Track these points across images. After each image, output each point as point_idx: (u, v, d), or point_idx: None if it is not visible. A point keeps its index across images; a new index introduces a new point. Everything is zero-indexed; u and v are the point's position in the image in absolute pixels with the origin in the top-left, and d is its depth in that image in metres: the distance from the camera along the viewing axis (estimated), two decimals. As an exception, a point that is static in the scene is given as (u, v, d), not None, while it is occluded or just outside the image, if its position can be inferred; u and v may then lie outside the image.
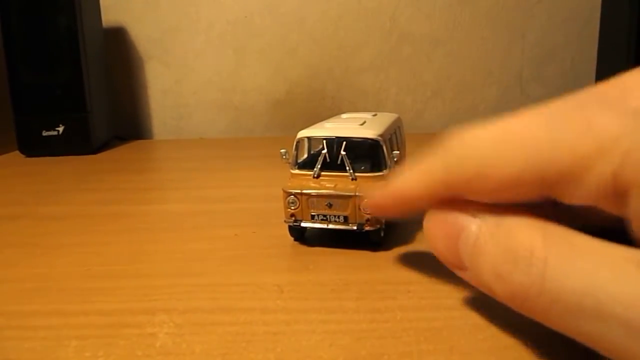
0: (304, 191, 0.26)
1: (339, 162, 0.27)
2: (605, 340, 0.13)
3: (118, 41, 0.79)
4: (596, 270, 0.13)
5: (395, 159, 0.28)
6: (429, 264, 0.24)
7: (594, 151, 0.13)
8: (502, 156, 0.15)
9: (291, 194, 0.27)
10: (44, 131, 0.63)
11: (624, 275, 0.13)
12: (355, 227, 0.26)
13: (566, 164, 0.14)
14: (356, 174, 0.27)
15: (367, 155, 0.28)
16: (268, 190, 0.40)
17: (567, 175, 0.14)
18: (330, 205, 0.26)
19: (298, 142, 0.29)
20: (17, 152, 0.64)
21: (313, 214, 0.27)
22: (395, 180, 0.20)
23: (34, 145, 0.63)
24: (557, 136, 0.14)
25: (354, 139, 0.27)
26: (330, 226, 0.27)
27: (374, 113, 0.35)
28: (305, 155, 0.30)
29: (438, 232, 0.18)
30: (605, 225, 0.14)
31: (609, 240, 0.14)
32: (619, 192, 0.13)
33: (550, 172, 0.14)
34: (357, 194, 0.26)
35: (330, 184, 0.27)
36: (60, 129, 0.63)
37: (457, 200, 0.17)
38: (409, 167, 0.19)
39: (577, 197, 0.14)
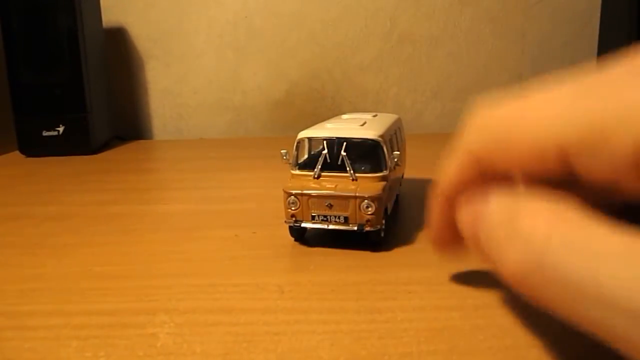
0: (305, 192, 0.27)
1: (339, 162, 0.27)
2: (606, 327, 0.13)
3: (118, 41, 0.79)
4: (601, 255, 0.13)
5: (395, 160, 0.28)
6: (429, 265, 0.24)
7: (615, 119, 0.12)
8: (524, 123, 0.15)
9: (292, 194, 0.27)
10: (44, 131, 0.63)
11: (629, 262, 0.12)
12: (355, 228, 0.26)
13: (585, 130, 0.13)
14: (356, 175, 0.27)
15: (368, 156, 0.28)
16: (268, 191, 0.40)
17: (586, 143, 0.13)
18: (330, 206, 0.26)
19: (298, 142, 0.29)
20: (17, 152, 0.64)
21: (313, 214, 0.27)
22: (441, 176, 0.19)
23: (34, 146, 0.63)
24: (578, 103, 0.13)
25: (354, 140, 0.27)
26: (331, 227, 0.27)
27: (374, 114, 0.35)
28: (306, 156, 0.30)
29: (465, 216, 0.18)
30: (630, 203, 0.14)
31: (630, 219, 0.13)
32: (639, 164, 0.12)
33: (569, 140, 0.13)
34: (357, 194, 0.26)
35: (330, 184, 0.27)
36: (61, 129, 0.63)
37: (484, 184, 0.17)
38: (448, 158, 0.19)
39: (597, 170, 0.13)
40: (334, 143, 0.27)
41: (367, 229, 0.26)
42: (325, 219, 0.27)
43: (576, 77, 0.14)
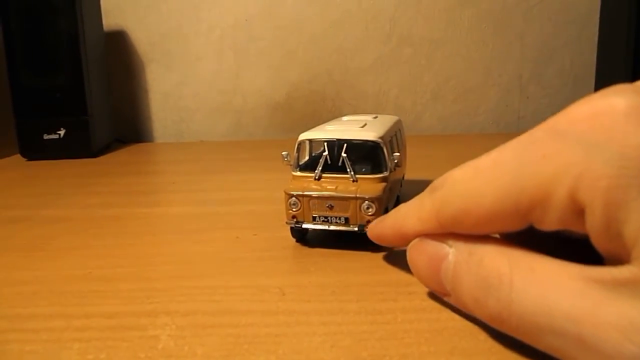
0: (306, 193, 0.27)
1: (340, 164, 0.27)
2: (566, 354, 0.14)
3: (119, 44, 0.79)
4: (549, 291, 0.14)
5: (395, 161, 0.28)
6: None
7: (552, 176, 0.14)
8: (478, 192, 0.16)
9: (293, 195, 0.27)
10: (45, 135, 0.63)
11: (572, 292, 0.14)
12: (356, 229, 0.26)
13: (532, 191, 0.15)
14: (357, 176, 0.27)
15: (368, 157, 0.28)
16: (269, 193, 0.41)
17: (535, 201, 0.15)
18: (331, 207, 0.26)
19: (299, 144, 0.29)
20: (18, 155, 0.64)
21: (314, 215, 0.27)
22: (393, 214, 0.21)
23: (35, 149, 0.63)
24: (521, 167, 0.15)
25: (354, 141, 0.27)
26: (332, 228, 0.27)
27: (374, 115, 0.35)
28: (307, 158, 0.30)
29: (420, 262, 0.20)
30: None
31: (581, 253, 0.15)
32: (578, 213, 0.14)
33: (522, 200, 0.15)
34: (358, 195, 0.26)
35: (331, 185, 0.27)
36: (61, 132, 0.63)
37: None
38: (406, 205, 0.21)
39: (549, 222, 0.15)
40: (334, 144, 0.27)
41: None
42: (326, 220, 0.27)
43: (506, 143, 0.16)
